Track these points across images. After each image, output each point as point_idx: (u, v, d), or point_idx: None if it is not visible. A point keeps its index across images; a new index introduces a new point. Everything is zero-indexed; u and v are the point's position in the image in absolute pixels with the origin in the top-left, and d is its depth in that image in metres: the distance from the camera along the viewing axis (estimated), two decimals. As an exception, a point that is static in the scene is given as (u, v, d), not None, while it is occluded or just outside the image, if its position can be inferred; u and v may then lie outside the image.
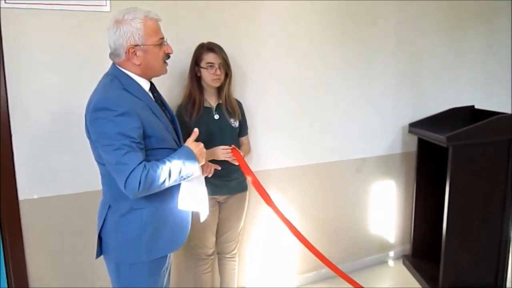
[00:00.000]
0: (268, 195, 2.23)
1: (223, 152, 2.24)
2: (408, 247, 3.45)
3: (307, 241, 2.33)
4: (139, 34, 1.61)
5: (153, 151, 1.64)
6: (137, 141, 1.55)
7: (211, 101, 2.40)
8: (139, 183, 1.51)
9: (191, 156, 1.68)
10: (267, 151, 2.83)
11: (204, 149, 1.77)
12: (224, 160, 2.25)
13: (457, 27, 3.42)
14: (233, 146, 2.27)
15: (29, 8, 2.09)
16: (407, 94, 3.31)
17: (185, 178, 1.67)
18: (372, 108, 3.18)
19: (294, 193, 2.98)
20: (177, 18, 2.41)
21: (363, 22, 3.02)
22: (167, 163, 1.60)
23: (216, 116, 2.39)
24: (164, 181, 1.58)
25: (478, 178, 2.76)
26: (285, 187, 2.93)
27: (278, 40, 2.75)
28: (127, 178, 1.51)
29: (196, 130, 1.78)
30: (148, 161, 1.59)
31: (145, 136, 1.60)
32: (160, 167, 1.57)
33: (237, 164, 2.28)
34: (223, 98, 2.40)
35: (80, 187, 2.31)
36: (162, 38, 1.68)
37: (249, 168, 2.21)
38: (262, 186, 2.20)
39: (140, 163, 1.53)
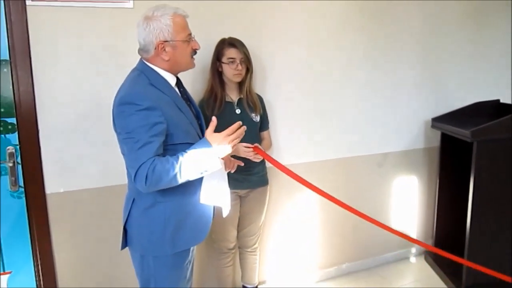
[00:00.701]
0: (305, 180, 2.15)
1: (244, 150, 2.23)
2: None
3: (376, 220, 2.20)
4: (168, 30, 1.63)
5: (176, 145, 1.65)
6: (157, 136, 1.56)
7: (233, 95, 2.42)
8: (146, 177, 1.53)
9: (208, 149, 1.61)
10: (288, 145, 2.83)
11: (228, 136, 1.65)
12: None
13: (481, 20, 3.35)
14: (255, 144, 2.24)
15: (54, 5, 2.13)
16: (430, 88, 3.26)
17: (202, 172, 1.63)
18: (394, 103, 3.14)
19: (315, 188, 2.97)
20: (198, 13, 2.43)
21: (385, 16, 2.99)
22: (180, 158, 1.57)
23: (238, 111, 2.40)
24: (176, 176, 1.56)
25: (503, 173, 2.71)
26: (306, 182, 2.92)
27: (299, 35, 2.74)
28: (136, 172, 1.54)
29: (214, 119, 1.68)
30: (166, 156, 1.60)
31: (168, 132, 1.61)
32: (170, 162, 1.56)
33: (257, 161, 2.28)
34: (244, 92, 2.41)
35: (104, 181, 2.36)
36: (190, 34, 1.71)
37: (277, 161, 2.16)
38: (294, 173, 2.13)
39: (151, 157, 1.54)
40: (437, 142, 3.21)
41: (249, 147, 2.21)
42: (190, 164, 1.58)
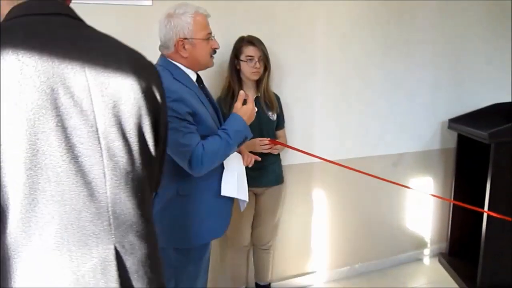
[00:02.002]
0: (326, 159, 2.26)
1: (260, 144, 2.28)
2: (444, 245, 3.39)
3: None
4: (188, 28, 1.68)
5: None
6: (192, 124, 1.65)
7: (250, 93, 2.42)
8: (202, 161, 1.62)
9: (242, 123, 1.77)
10: (303, 145, 2.81)
11: (254, 109, 1.86)
12: (262, 152, 2.28)
13: (501, 19, 3.31)
14: (269, 139, 2.30)
15: (76, 2, 2.15)
16: (447, 89, 3.23)
17: (240, 144, 1.76)
18: (410, 103, 3.12)
19: (329, 187, 2.97)
20: (217, 11, 2.43)
21: (402, 14, 2.97)
22: (223, 135, 1.69)
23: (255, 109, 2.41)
24: (224, 154, 1.70)
25: (521, 176, 2.68)
26: (321, 181, 2.93)
27: (317, 34, 2.74)
28: (190, 158, 1.62)
29: (242, 92, 1.86)
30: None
31: (195, 122, 1.69)
32: (217, 141, 1.67)
33: (275, 153, 2.35)
34: (262, 91, 2.42)
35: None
36: (210, 33, 1.76)
37: (295, 147, 2.30)
38: (314, 155, 2.24)
39: (198, 143, 1.64)
40: (453, 143, 3.18)
41: (263, 141, 2.26)
42: (233, 139, 1.71)
